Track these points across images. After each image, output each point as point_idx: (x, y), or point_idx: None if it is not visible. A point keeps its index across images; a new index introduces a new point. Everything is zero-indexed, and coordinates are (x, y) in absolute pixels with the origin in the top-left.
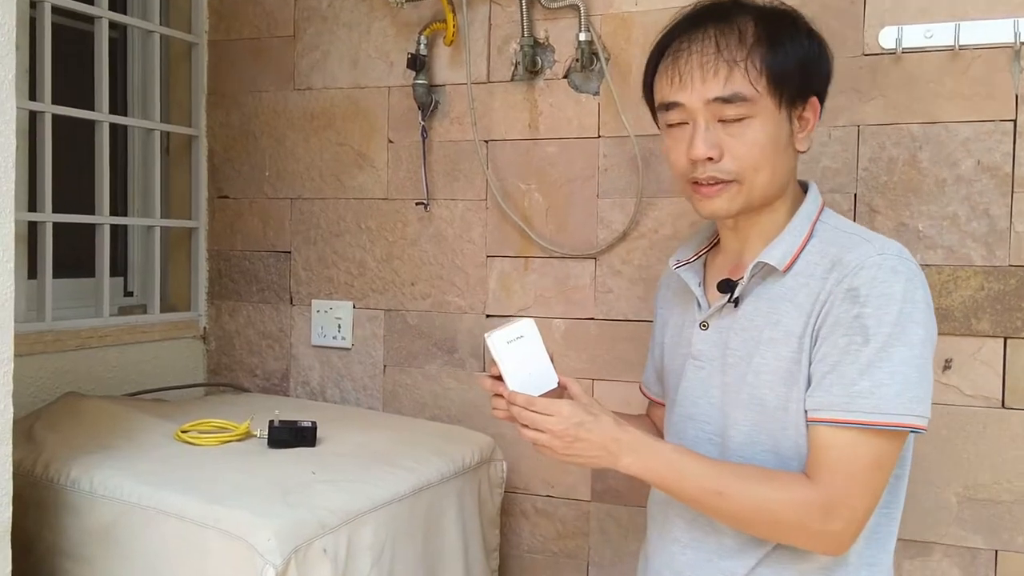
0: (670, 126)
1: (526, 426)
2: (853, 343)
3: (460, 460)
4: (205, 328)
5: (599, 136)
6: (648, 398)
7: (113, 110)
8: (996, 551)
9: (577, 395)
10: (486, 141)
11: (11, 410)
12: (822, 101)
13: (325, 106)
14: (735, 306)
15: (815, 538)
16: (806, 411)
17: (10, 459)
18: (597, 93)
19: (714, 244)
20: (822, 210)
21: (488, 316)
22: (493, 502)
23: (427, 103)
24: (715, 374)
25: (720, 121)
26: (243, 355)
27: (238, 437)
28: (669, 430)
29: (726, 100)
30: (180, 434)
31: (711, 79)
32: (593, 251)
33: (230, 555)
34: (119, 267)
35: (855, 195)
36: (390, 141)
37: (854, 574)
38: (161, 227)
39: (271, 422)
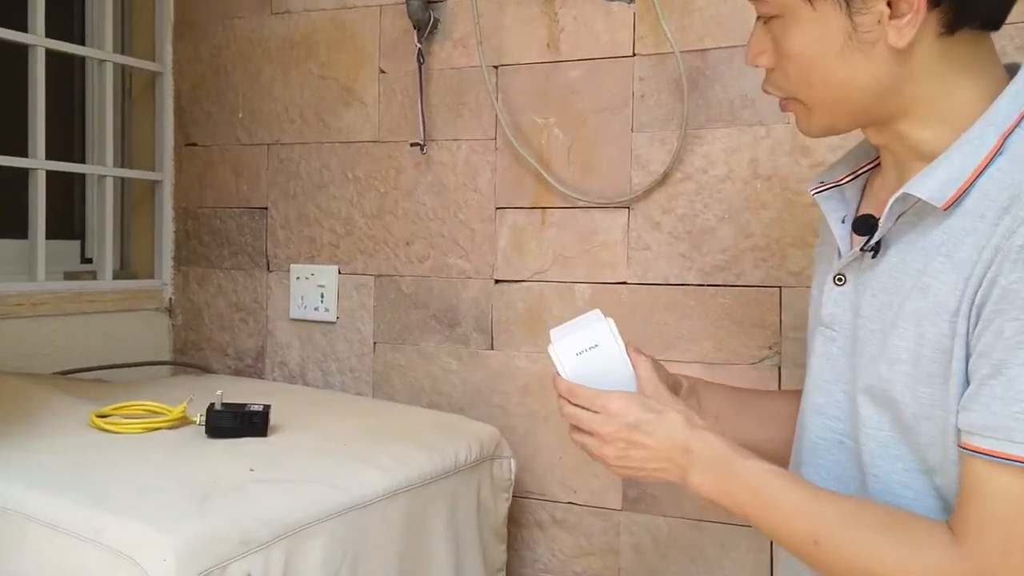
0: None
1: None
2: None
3: (452, 456)
4: (171, 299)
5: (634, 54)
6: None
7: (68, 40)
8: None
9: (642, 382)
10: (495, 67)
11: None
12: None
13: (306, 32)
14: (874, 256)
15: None
16: (959, 429)
17: None
18: (632, 1)
19: (877, 161)
20: None
21: (497, 281)
22: (497, 510)
23: (424, 21)
24: (850, 350)
25: (766, 22)
26: (213, 331)
27: (170, 424)
28: (798, 432)
29: None
30: (96, 419)
31: None
32: (626, 198)
33: None
34: (76, 230)
35: None
36: (382, 71)
37: None
38: (119, 179)
39: (211, 405)
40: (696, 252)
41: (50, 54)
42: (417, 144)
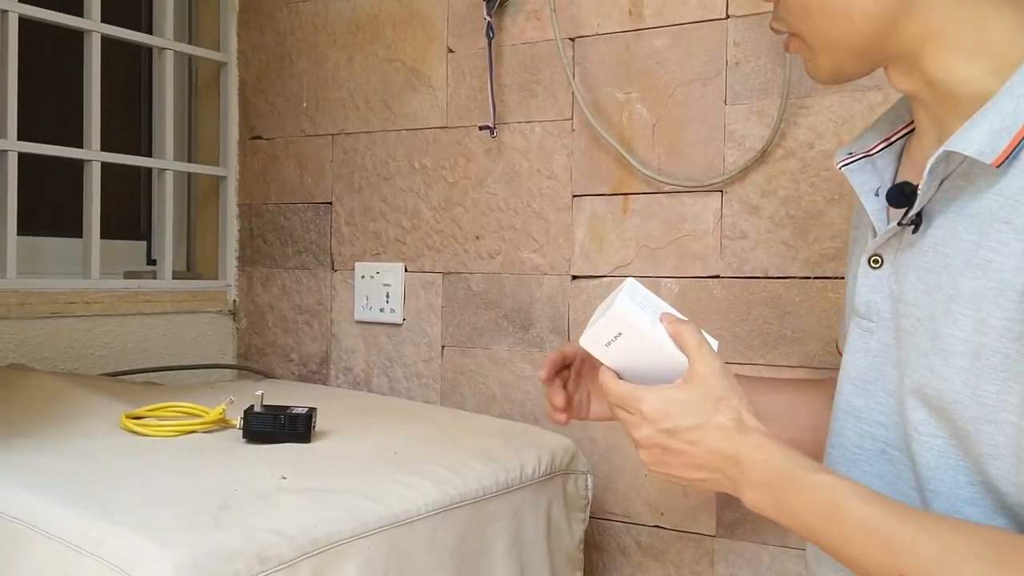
0: None
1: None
2: None
3: (517, 468)
4: (235, 301)
5: (727, 16)
6: None
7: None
8: None
9: (693, 359)
10: (571, 39)
11: None
12: None
13: (372, 13)
14: (915, 230)
15: None
16: None
17: None
18: None
19: (912, 126)
20: None
21: (574, 278)
22: (572, 532)
23: None
24: (891, 344)
25: None
26: (277, 334)
27: (206, 426)
28: (830, 438)
29: None
30: (127, 421)
31: None
32: (719, 181)
33: None
34: (141, 230)
35: None
36: (450, 51)
37: None
38: (183, 177)
39: (249, 407)
40: (801, 240)
41: (116, 43)
42: (487, 127)
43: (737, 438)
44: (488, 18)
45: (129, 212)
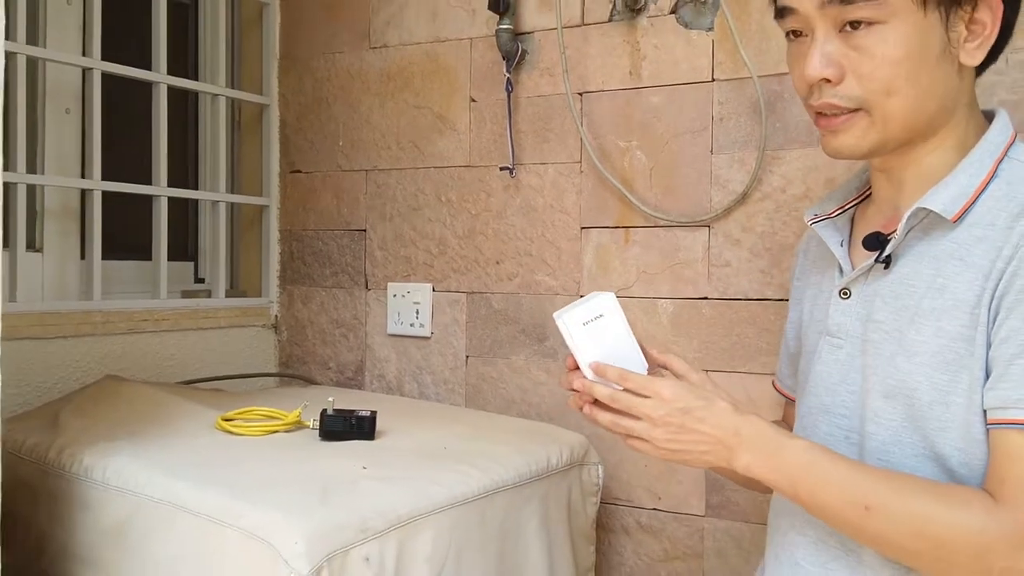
0: (788, 38)
1: (616, 413)
2: None
3: (545, 460)
4: (277, 316)
5: (713, 80)
6: (782, 395)
7: (183, 76)
8: None
9: (683, 373)
10: (580, 93)
11: None
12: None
13: (402, 65)
14: (885, 267)
15: None
16: (984, 409)
17: None
18: (711, 29)
19: (865, 195)
20: (1012, 143)
21: (583, 296)
22: (586, 513)
23: (513, 53)
24: (856, 355)
25: (842, 31)
26: (315, 345)
27: (287, 427)
28: (798, 425)
29: (847, 0)
30: (222, 422)
31: None
32: (706, 217)
33: (251, 561)
34: (189, 252)
35: None
36: (472, 100)
37: None
38: (230, 205)
39: (324, 411)
40: (775, 268)
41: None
42: (506, 168)
43: (735, 415)
44: (507, 74)
45: (177, 236)
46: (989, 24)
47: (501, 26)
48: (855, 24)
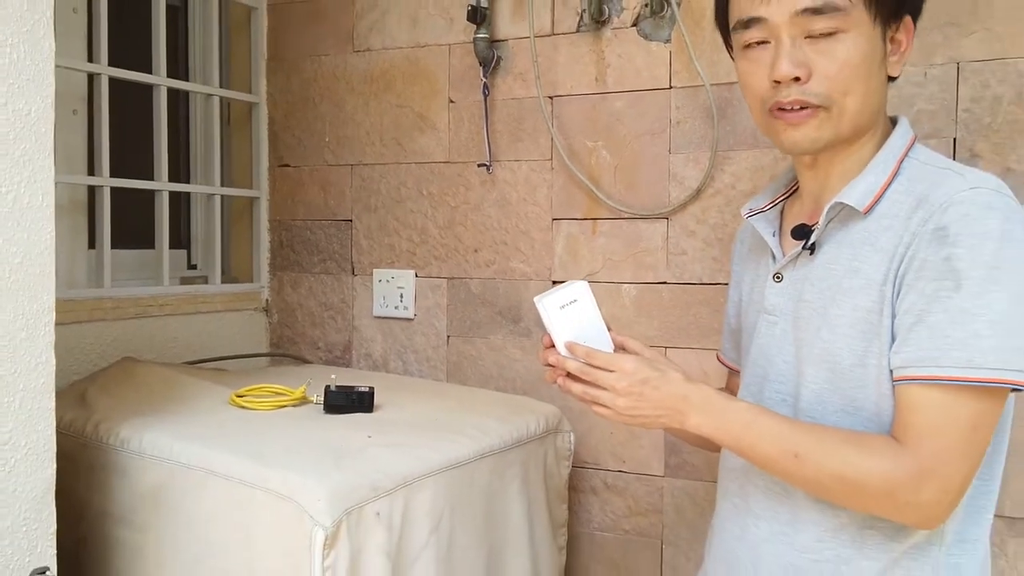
0: (747, 47)
1: (587, 384)
2: (943, 289)
3: (524, 428)
4: (267, 300)
5: (671, 87)
6: (726, 366)
7: (175, 78)
8: None
9: (639, 351)
10: (551, 97)
11: (53, 363)
12: (916, 22)
13: (384, 68)
14: (811, 254)
15: (904, 509)
16: (891, 369)
17: (52, 413)
18: (668, 41)
19: (792, 191)
20: (912, 145)
21: (554, 282)
22: (560, 475)
23: (489, 59)
24: (788, 329)
25: (807, 37)
26: (305, 327)
27: (294, 402)
28: (743, 391)
29: (816, 11)
30: (235, 398)
31: None
32: (665, 211)
33: (279, 517)
34: (182, 240)
35: (954, 139)
36: (451, 101)
37: (948, 552)
38: (222, 197)
39: (327, 387)
40: (726, 256)
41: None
42: (483, 164)
43: (686, 384)
44: (484, 79)
45: (172, 226)
46: (905, 42)
47: (478, 35)
48: (821, 32)
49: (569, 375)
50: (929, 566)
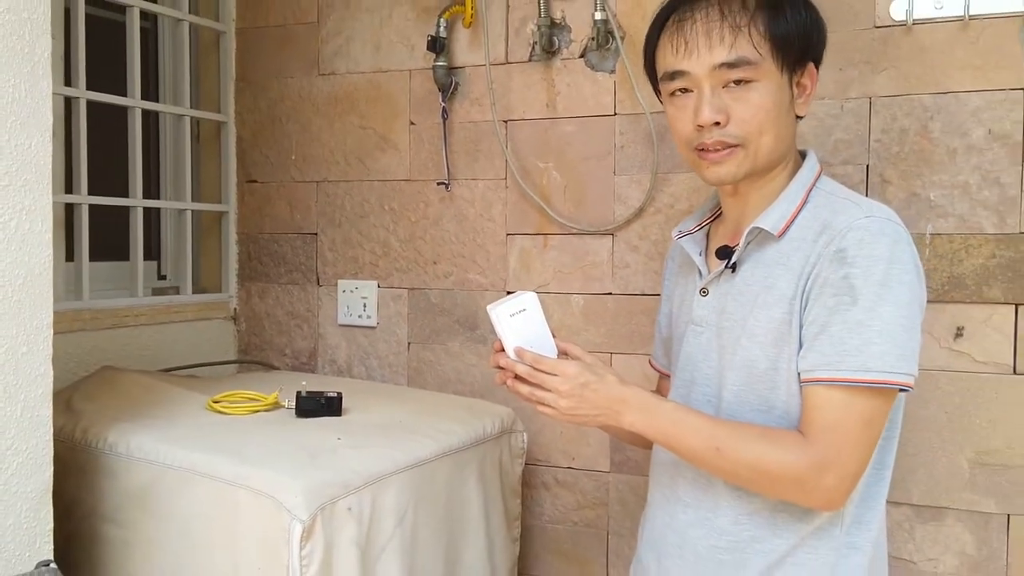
0: (673, 95)
1: (533, 386)
2: (841, 303)
3: (481, 429)
4: (235, 309)
5: (615, 114)
6: (657, 371)
7: (145, 97)
8: (1008, 515)
9: (580, 356)
10: (505, 121)
11: (51, 374)
12: (818, 68)
13: (348, 90)
14: (732, 272)
15: (810, 494)
16: (799, 372)
17: (50, 420)
18: (613, 71)
19: (717, 215)
20: (819, 177)
21: (508, 292)
22: (514, 471)
23: (447, 85)
24: (713, 338)
25: (725, 87)
26: (272, 335)
27: (267, 407)
28: (673, 393)
29: (732, 65)
30: (212, 404)
31: (717, 45)
32: (610, 227)
33: (260, 513)
34: (153, 252)
35: (867, 166)
36: (412, 123)
37: (846, 532)
38: (192, 211)
39: (299, 392)
40: None
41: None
42: (442, 183)
43: (622, 387)
44: (443, 103)
45: (143, 237)
46: (809, 85)
47: (437, 63)
48: (736, 82)
49: (517, 377)
50: (831, 544)
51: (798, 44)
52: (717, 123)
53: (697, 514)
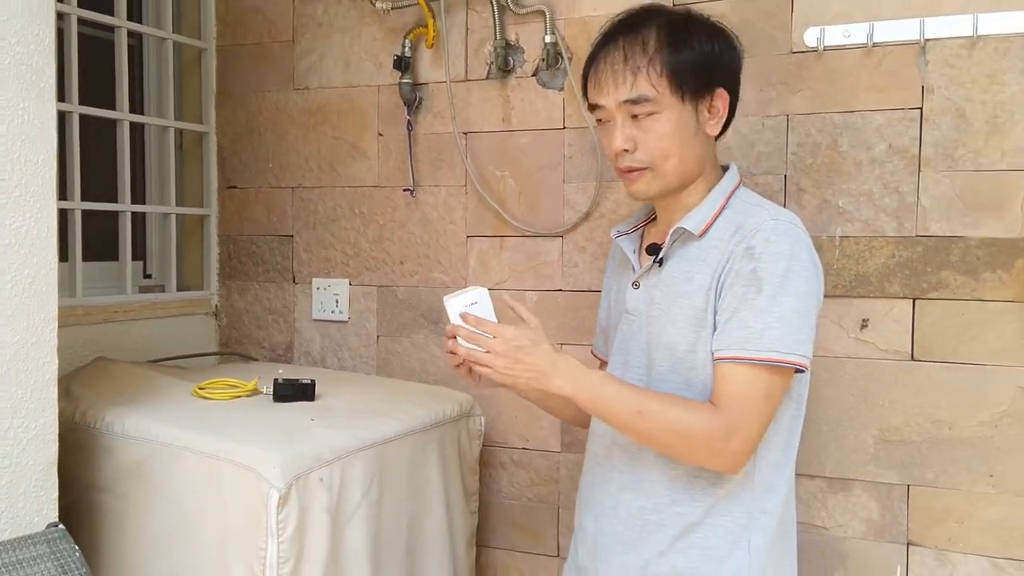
0: (599, 121)
1: (473, 348)
2: (749, 292)
3: (442, 412)
4: (217, 305)
5: (564, 127)
6: (598, 359)
7: (132, 110)
8: (908, 486)
9: (526, 317)
10: (465, 133)
11: (56, 361)
12: (732, 91)
13: (321, 104)
14: (660, 266)
15: (718, 456)
16: (712, 352)
17: (56, 402)
18: (562, 89)
19: (652, 219)
20: (738, 187)
21: None
22: (472, 451)
23: (412, 100)
24: (643, 326)
25: (633, 117)
26: (251, 329)
27: (247, 393)
28: (610, 371)
29: (634, 101)
30: (197, 390)
31: (620, 85)
32: (560, 230)
33: (242, 483)
34: (139, 252)
35: (785, 176)
36: (380, 134)
37: (756, 497)
38: (176, 215)
39: (275, 379)
40: None
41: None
42: (408, 189)
43: (555, 353)
44: (408, 117)
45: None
46: (721, 108)
47: (403, 80)
48: (641, 114)
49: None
50: (743, 508)
51: (699, 76)
52: (626, 150)
53: (628, 479)
